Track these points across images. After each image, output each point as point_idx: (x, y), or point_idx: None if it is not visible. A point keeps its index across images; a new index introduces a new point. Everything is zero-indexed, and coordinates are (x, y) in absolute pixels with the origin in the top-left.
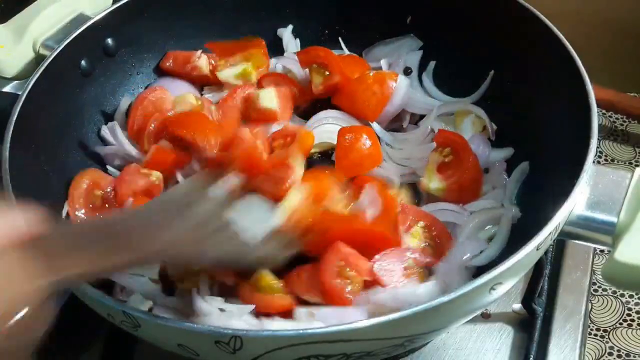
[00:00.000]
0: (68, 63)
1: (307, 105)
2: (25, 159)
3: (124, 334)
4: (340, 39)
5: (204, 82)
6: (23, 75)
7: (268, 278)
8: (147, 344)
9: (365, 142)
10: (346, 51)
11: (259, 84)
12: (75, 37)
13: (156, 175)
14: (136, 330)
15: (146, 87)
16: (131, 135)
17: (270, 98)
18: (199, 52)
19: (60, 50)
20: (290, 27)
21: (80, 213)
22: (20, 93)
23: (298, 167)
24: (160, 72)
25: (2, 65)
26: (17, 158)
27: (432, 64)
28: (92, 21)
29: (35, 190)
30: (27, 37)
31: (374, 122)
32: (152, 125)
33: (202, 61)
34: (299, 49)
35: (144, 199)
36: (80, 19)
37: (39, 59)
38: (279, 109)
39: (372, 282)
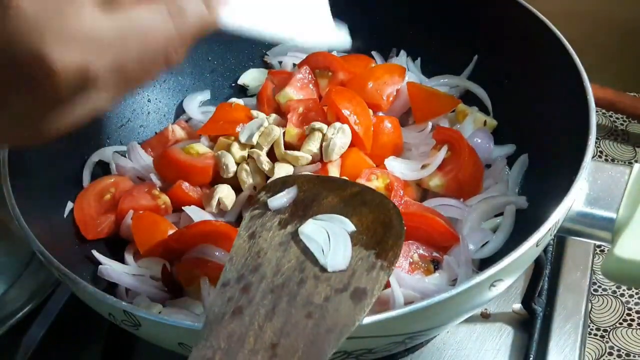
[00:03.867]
0: None
1: None
2: (24, 159)
3: (124, 334)
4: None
5: None
6: None
7: None
8: (147, 344)
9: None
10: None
11: (286, 111)
12: None
13: (164, 200)
14: (137, 329)
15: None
16: None
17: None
18: (170, 126)
19: None
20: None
21: None
22: None
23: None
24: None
25: None
26: (16, 158)
27: (430, 65)
28: None
29: (34, 190)
30: None
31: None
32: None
33: (177, 130)
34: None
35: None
36: None
37: None
38: None
39: None
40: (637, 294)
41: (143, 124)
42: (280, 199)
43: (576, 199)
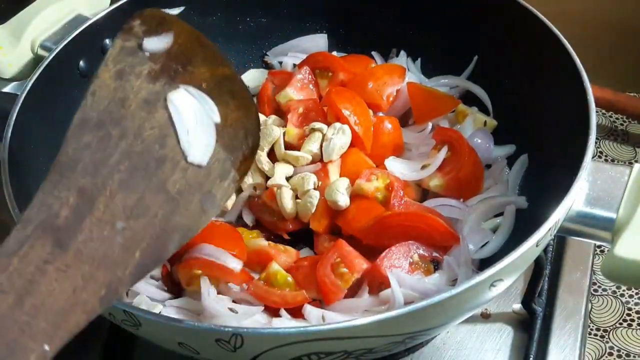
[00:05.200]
0: (66, 64)
1: None
2: (25, 159)
3: (125, 334)
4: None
5: None
6: (22, 76)
7: (281, 273)
8: (147, 344)
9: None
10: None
11: (286, 111)
12: (74, 38)
13: None
14: (137, 329)
15: None
16: None
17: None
18: None
19: (59, 51)
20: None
21: None
22: (19, 94)
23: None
24: None
25: (1, 66)
26: (16, 158)
27: (430, 65)
28: (90, 22)
29: (34, 191)
30: (25, 38)
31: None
32: None
33: None
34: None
35: None
36: (79, 19)
37: (37, 59)
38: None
39: (362, 282)
40: (637, 294)
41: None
42: (157, 43)
43: (576, 199)
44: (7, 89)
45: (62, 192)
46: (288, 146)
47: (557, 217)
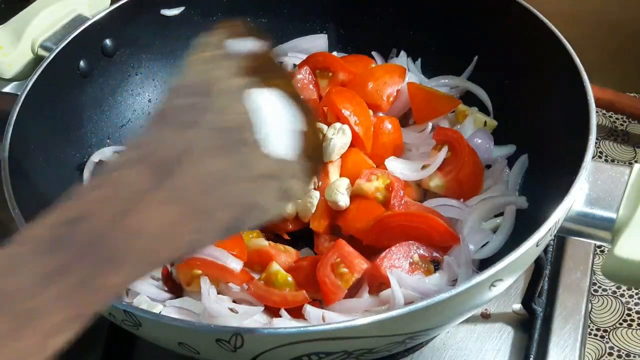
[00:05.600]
0: (67, 64)
1: None
2: (25, 159)
3: (125, 334)
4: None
5: None
6: (22, 76)
7: (282, 274)
8: (147, 344)
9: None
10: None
11: None
12: (74, 38)
13: None
14: (137, 329)
15: None
16: None
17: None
18: None
19: (59, 51)
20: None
21: None
22: (19, 94)
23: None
24: None
25: (1, 67)
26: (16, 159)
27: (431, 65)
28: (90, 22)
29: (34, 191)
30: (26, 38)
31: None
32: None
33: None
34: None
35: None
36: (79, 19)
37: (37, 60)
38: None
39: (362, 282)
40: (637, 294)
41: (144, 124)
42: (241, 45)
43: (576, 199)
44: (7, 89)
45: (160, 135)
46: None
47: (557, 217)
